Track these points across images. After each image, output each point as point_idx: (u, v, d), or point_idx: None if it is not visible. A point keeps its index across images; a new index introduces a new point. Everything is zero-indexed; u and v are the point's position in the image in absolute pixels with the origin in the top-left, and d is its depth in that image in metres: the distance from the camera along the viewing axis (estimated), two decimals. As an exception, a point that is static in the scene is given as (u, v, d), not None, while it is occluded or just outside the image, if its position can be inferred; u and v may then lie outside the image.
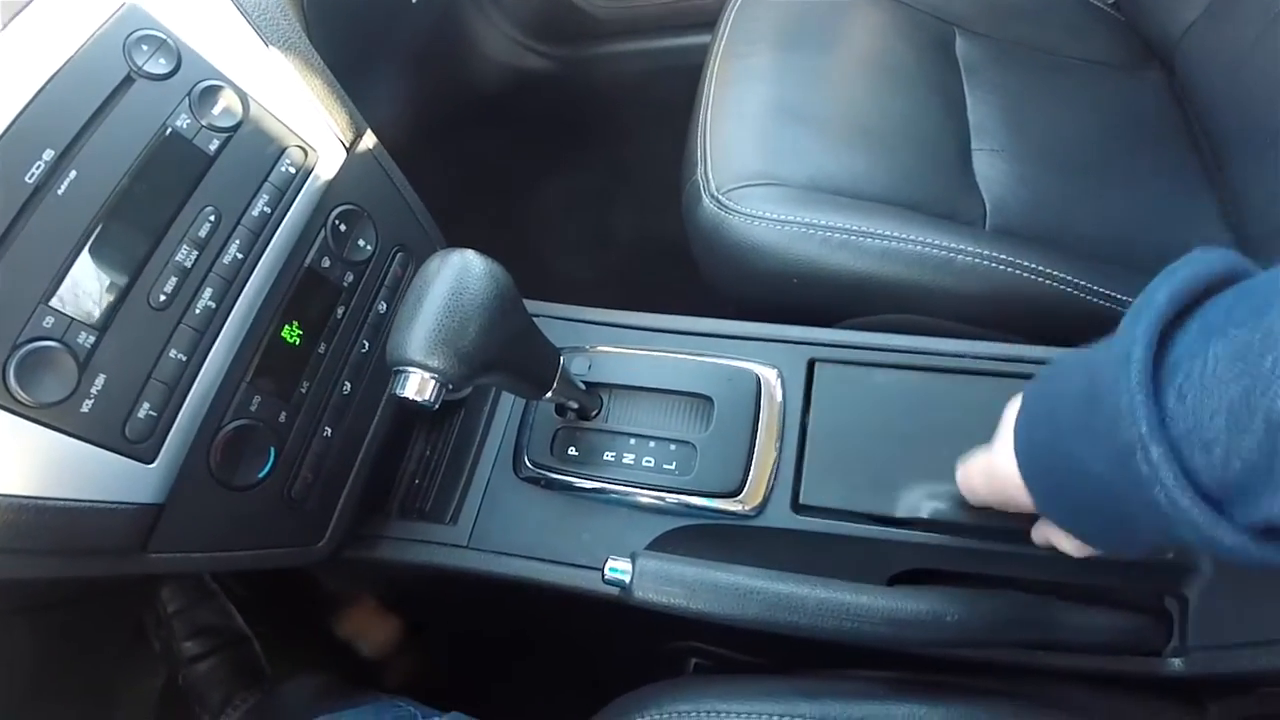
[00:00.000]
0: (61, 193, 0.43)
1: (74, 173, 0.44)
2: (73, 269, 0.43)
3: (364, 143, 0.60)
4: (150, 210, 0.47)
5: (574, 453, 0.61)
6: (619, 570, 0.50)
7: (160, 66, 0.48)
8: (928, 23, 0.95)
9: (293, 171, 0.54)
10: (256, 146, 0.52)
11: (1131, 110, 0.92)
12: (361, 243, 0.59)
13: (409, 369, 0.43)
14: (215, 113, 0.50)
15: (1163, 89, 0.95)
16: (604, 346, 0.65)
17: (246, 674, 0.81)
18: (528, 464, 0.62)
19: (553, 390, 0.54)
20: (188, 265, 0.48)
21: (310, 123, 0.56)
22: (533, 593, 0.61)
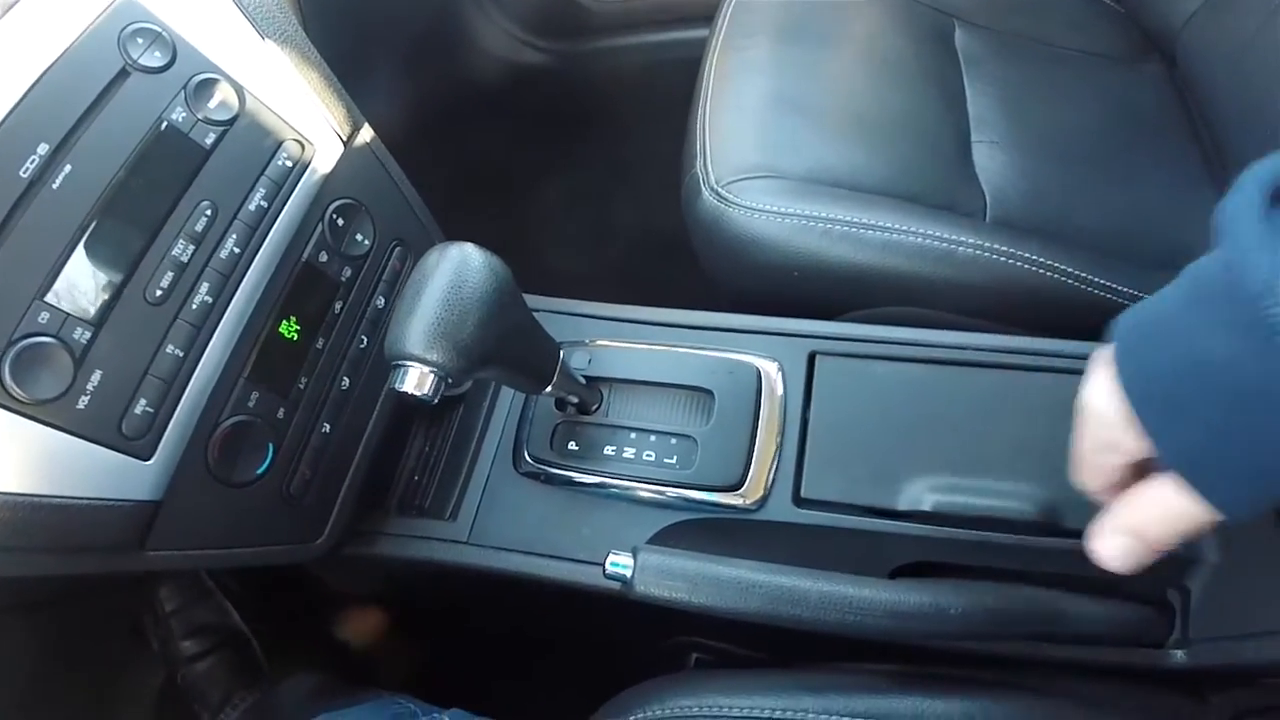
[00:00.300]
0: (56, 187, 0.43)
1: (69, 167, 0.43)
2: (68, 264, 0.43)
3: (361, 136, 0.60)
4: (146, 205, 0.47)
5: (574, 447, 0.61)
6: (620, 565, 0.49)
7: (155, 60, 0.48)
8: (927, 14, 0.94)
9: (289, 165, 0.53)
10: (253, 140, 0.52)
11: (1132, 102, 0.91)
12: (359, 237, 0.58)
13: (408, 363, 0.43)
14: (211, 106, 0.50)
15: (1163, 81, 0.95)
16: (604, 340, 0.65)
17: (245, 673, 0.80)
18: (528, 459, 0.61)
19: (552, 385, 0.54)
20: (184, 260, 0.47)
21: (307, 116, 0.56)
22: (533, 588, 0.61)
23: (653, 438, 0.60)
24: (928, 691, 0.51)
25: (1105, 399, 0.38)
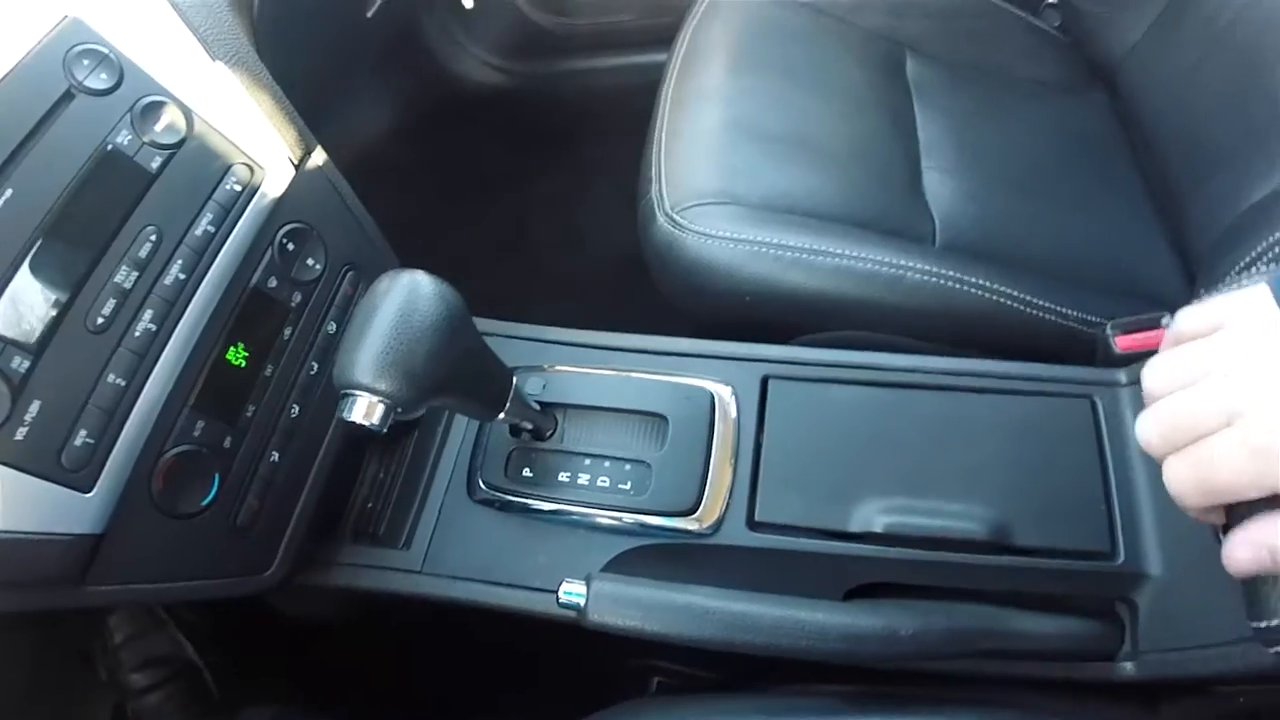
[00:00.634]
0: (-5, 212, 0.42)
1: (9, 191, 0.43)
2: (6, 291, 0.42)
3: (313, 160, 0.60)
4: (88, 231, 0.46)
5: (529, 474, 0.60)
6: (574, 594, 0.49)
7: (101, 82, 0.48)
8: (879, 44, 0.97)
9: (238, 189, 0.53)
10: (200, 164, 0.51)
11: (1078, 131, 0.94)
12: (310, 262, 0.58)
13: (356, 392, 0.42)
14: (158, 129, 0.49)
15: (1106, 110, 0.98)
16: (559, 366, 0.65)
17: (198, 704, 0.78)
18: (481, 486, 0.61)
19: (505, 411, 0.53)
20: (127, 287, 0.47)
21: (257, 139, 0.55)
22: (492, 616, 0.60)
23: (607, 463, 0.60)
24: (885, 712, 0.51)
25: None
